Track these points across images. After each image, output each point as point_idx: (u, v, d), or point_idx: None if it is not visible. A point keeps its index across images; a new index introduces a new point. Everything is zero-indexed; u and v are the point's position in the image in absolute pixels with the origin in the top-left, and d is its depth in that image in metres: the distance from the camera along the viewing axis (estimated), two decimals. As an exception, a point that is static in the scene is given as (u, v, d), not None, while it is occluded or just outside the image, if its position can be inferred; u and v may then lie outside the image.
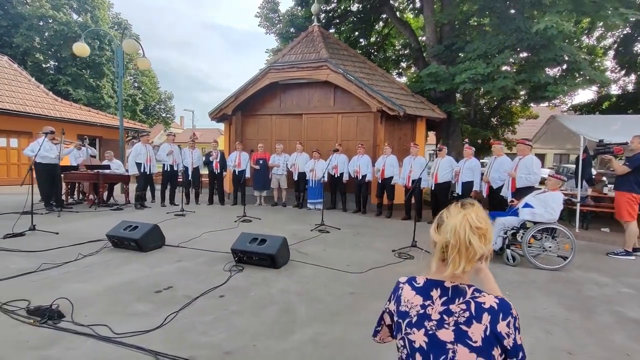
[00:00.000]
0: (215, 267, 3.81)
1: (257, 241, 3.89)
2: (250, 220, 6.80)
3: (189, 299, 2.88)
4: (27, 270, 3.46)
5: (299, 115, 9.86)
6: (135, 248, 4.27)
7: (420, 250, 4.74)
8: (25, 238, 4.81)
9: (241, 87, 9.81)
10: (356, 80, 8.64)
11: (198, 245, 4.74)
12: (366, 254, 4.63)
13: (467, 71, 8.14)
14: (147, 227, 4.35)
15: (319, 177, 8.56)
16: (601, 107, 12.67)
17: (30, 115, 12.00)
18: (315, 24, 10.46)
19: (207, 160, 8.90)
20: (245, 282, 3.35)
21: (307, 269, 3.83)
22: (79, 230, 5.46)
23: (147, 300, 2.84)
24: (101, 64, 20.77)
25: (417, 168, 7.51)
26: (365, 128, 9.25)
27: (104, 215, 6.94)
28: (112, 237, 4.37)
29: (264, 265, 3.80)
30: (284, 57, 9.58)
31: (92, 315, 2.54)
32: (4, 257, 3.89)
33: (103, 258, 3.97)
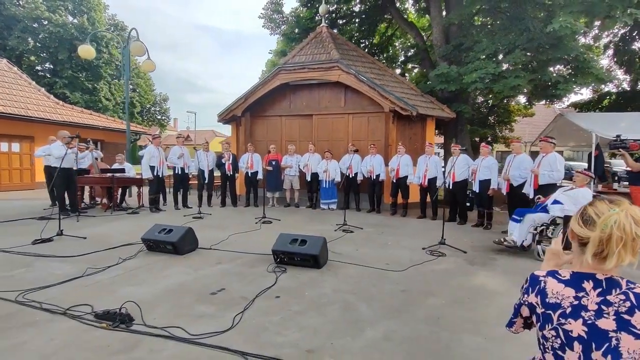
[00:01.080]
0: (257, 268, 3.82)
1: (297, 242, 3.92)
2: (271, 221, 6.81)
3: (247, 301, 2.90)
4: (73, 275, 3.43)
5: (309, 116, 9.89)
6: (172, 251, 4.26)
7: (450, 248, 4.83)
8: (54, 243, 4.76)
9: (251, 89, 9.81)
10: (368, 80, 8.71)
11: (230, 247, 4.74)
12: (398, 252, 4.69)
13: (477, 71, 8.27)
14: (183, 230, 4.34)
15: (332, 177, 8.63)
16: (601, 105, 12.97)
17: (32, 119, 11.82)
18: (323, 25, 10.50)
19: (219, 162, 8.88)
20: (294, 283, 3.38)
21: (349, 268, 3.87)
22: (104, 234, 5.42)
23: (207, 302, 2.86)
24: (98, 67, 20.54)
25: (433, 167, 7.63)
26: (377, 128, 9.33)
27: (121, 219, 6.89)
28: (147, 241, 4.35)
29: (306, 266, 3.83)
30: (294, 58, 9.61)
31: (159, 317, 2.54)
32: (44, 262, 3.85)
33: (143, 261, 3.96)
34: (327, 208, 8.79)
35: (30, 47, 19.32)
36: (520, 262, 4.29)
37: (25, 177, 12.32)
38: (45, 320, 2.47)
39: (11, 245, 4.51)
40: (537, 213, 4.46)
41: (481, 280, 3.61)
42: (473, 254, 4.63)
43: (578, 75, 7.55)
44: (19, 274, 3.47)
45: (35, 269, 3.62)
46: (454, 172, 7.14)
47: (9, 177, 11.89)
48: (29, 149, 12.36)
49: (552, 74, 7.62)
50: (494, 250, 4.84)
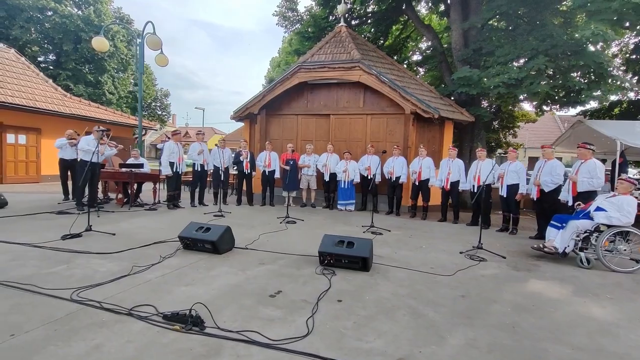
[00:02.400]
0: (304, 270, 3.73)
1: (344, 244, 3.83)
2: (295, 221, 6.71)
3: (309, 304, 2.81)
4: (118, 272, 3.31)
5: (327, 115, 9.81)
6: (211, 250, 4.14)
7: (487, 252, 4.77)
8: (84, 239, 4.61)
9: (269, 86, 9.71)
10: (390, 82, 8.65)
11: (264, 247, 4.64)
12: (436, 255, 4.63)
13: (499, 75, 8.25)
14: (221, 229, 4.23)
15: (351, 178, 8.55)
16: (611, 113, 13.05)
17: (40, 110, 11.57)
18: (342, 24, 10.42)
19: (237, 160, 8.75)
20: (348, 286, 3.29)
21: (396, 272, 3.79)
22: (130, 230, 5.28)
23: (271, 305, 2.75)
24: (103, 60, 20.21)
25: (456, 170, 7.59)
26: (395, 129, 9.27)
27: (142, 215, 6.74)
28: (184, 239, 4.23)
29: (354, 269, 3.75)
30: (313, 57, 9.51)
31: (229, 320, 2.44)
32: (84, 259, 3.71)
33: (185, 260, 3.84)
34: (344, 209, 8.71)
35: (34, 37, 18.95)
36: (565, 269, 4.24)
37: (31, 170, 12.05)
38: (113, 321, 2.35)
39: (40, 241, 4.36)
40: (580, 220, 4.43)
41: (535, 287, 3.55)
42: (513, 260, 4.58)
43: (600, 82, 7.56)
44: (61, 270, 3.33)
45: (77, 265, 3.49)
46: (479, 177, 7.12)
47: (15, 169, 11.61)
48: (35, 141, 12.10)
49: (575, 80, 7.62)
50: (533, 256, 4.79)
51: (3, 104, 10.57)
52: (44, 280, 3.02)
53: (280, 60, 25.97)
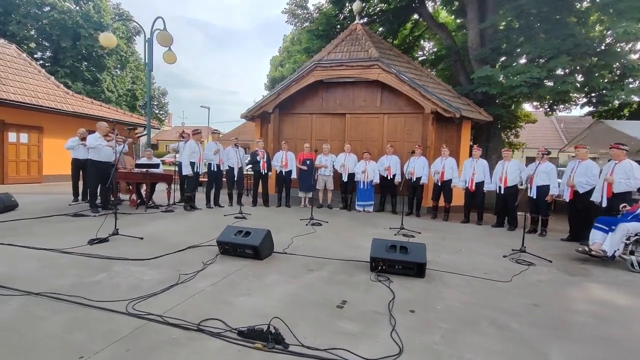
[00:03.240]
0: (356, 276, 3.54)
1: (396, 249, 3.65)
2: (320, 223, 6.51)
3: (382, 315, 2.62)
4: (163, 280, 3.09)
5: (342, 114, 9.63)
6: (252, 256, 3.93)
7: (530, 256, 4.63)
8: (112, 244, 4.36)
9: (284, 85, 9.48)
10: (410, 80, 8.50)
11: (302, 251, 4.44)
12: (481, 260, 4.47)
13: (521, 74, 8.16)
14: (262, 233, 4.02)
15: (370, 178, 8.38)
16: (620, 113, 13.08)
17: (42, 108, 11.18)
18: (357, 22, 10.24)
19: (253, 160, 8.51)
20: (411, 294, 3.11)
21: (453, 278, 3.62)
22: (155, 234, 5.03)
23: (343, 317, 2.56)
24: (102, 57, 19.76)
25: (480, 171, 7.46)
26: (413, 129, 9.13)
27: (160, 218, 6.48)
28: (223, 244, 4.00)
29: (408, 275, 3.57)
30: (329, 55, 9.31)
31: (308, 336, 2.24)
32: (122, 266, 3.47)
33: (229, 267, 3.62)
34: (362, 210, 8.53)
35: (32, 34, 18.44)
36: (616, 273, 4.12)
37: (33, 170, 11.66)
38: (185, 338, 2.14)
39: (66, 246, 4.11)
40: (631, 223, 4.31)
41: (599, 293, 3.42)
42: (560, 264, 4.44)
43: (626, 82, 7.50)
44: (104, 279, 3.10)
45: (117, 274, 3.25)
46: (505, 177, 7.00)
47: (16, 169, 11.22)
48: (37, 140, 11.71)
49: (598, 80, 7.55)
50: (577, 259, 4.67)
51: (5, 101, 10.18)
52: (91, 291, 2.79)
53: (281, 59, 25.78)
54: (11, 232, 4.74)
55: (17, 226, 5.14)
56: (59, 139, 12.19)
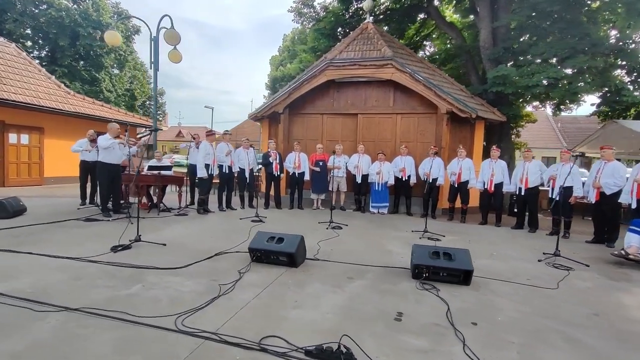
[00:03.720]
0: (400, 284, 3.39)
1: (440, 255, 3.51)
2: (341, 227, 6.36)
3: (444, 328, 2.48)
4: (205, 293, 2.91)
5: (354, 115, 9.48)
6: (286, 263, 3.76)
7: (566, 260, 4.52)
8: (135, 251, 4.17)
9: (295, 84, 9.30)
10: (425, 80, 8.38)
11: (333, 257, 4.28)
12: (517, 264, 4.35)
13: (537, 74, 8.08)
14: (297, 239, 3.85)
15: (385, 179, 8.25)
16: (626, 113, 13.09)
17: (43, 109, 10.88)
18: (368, 21, 10.10)
19: (266, 162, 8.33)
20: (464, 304, 2.96)
21: (499, 285, 3.49)
22: (176, 239, 4.83)
23: (406, 331, 2.41)
24: (101, 56, 19.40)
25: (499, 172, 7.36)
26: (427, 129, 9.01)
27: (176, 222, 6.28)
28: (255, 251, 3.83)
29: (453, 282, 3.43)
30: (341, 54, 9.15)
31: (380, 354, 2.09)
32: (156, 276, 3.28)
33: (266, 276, 3.45)
34: (376, 212, 8.39)
35: (27, 32, 18.03)
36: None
37: (34, 172, 11.35)
38: (250, 359, 1.97)
39: (89, 254, 3.90)
40: (671, 225, 4.22)
41: (652, 300, 3.31)
42: (599, 268, 4.34)
43: None
44: (140, 291, 2.91)
45: (153, 285, 3.07)
46: (526, 178, 6.90)
47: (17, 171, 10.90)
48: (38, 141, 11.40)
49: (616, 80, 7.50)
50: (614, 263, 4.57)
51: (5, 101, 9.88)
52: (131, 305, 2.60)
53: (281, 58, 25.57)
54: (27, 238, 4.52)
55: (30, 232, 4.91)
56: (60, 140, 11.91)
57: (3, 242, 4.28)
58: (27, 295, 2.71)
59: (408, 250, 4.92)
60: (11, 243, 4.24)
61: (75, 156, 7.96)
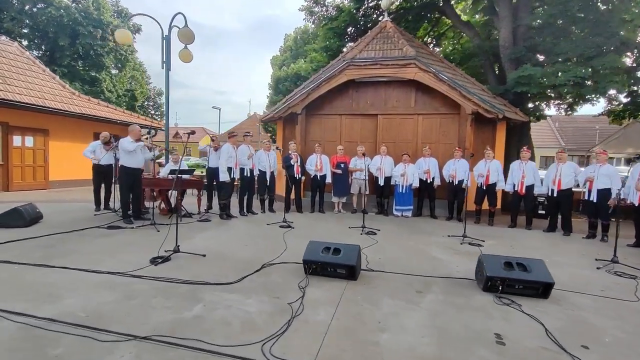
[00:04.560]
0: (473, 298, 3.16)
1: (514, 266, 3.29)
2: (375, 232, 6.11)
3: (558, 353, 2.25)
4: (273, 313, 2.65)
5: (374, 115, 9.25)
6: (345, 276, 3.51)
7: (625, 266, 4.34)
8: (176, 262, 3.88)
9: (314, 84, 9.04)
10: (449, 80, 8.17)
11: (386, 267, 4.03)
12: (577, 272, 4.15)
13: (564, 73, 7.92)
14: (355, 250, 3.60)
15: (409, 182, 8.03)
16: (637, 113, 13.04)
17: (49, 110, 10.47)
18: (387, 19, 9.87)
19: (287, 164, 8.06)
20: (556, 322, 2.73)
21: (575, 297, 3.28)
22: (211, 248, 4.54)
23: (519, 358, 2.17)
24: (101, 55, 18.92)
25: (530, 173, 7.18)
26: (450, 130, 8.82)
27: (202, 229, 5.98)
28: (311, 263, 3.56)
29: (529, 295, 3.21)
30: (361, 54, 8.91)
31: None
32: (213, 293, 3.00)
33: (329, 292, 3.19)
34: (400, 215, 8.17)
35: (25, 31, 17.51)
36: None
37: (39, 175, 10.93)
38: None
39: (125, 267, 3.61)
40: None
41: None
42: (661, 275, 4.15)
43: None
44: (203, 312, 2.64)
45: (214, 304, 2.79)
46: (559, 180, 6.73)
47: (22, 175, 10.48)
48: (43, 144, 10.98)
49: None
50: (673, 269, 4.39)
51: (10, 102, 9.47)
52: (202, 331, 2.33)
53: (283, 58, 25.23)
54: (53, 251, 4.20)
55: (54, 243, 4.59)
56: (65, 142, 11.52)
57: (32, 254, 3.97)
58: (82, 320, 2.42)
59: (455, 257, 4.72)
60: (41, 256, 3.93)
61: (82, 159, 7.63)
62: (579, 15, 8.54)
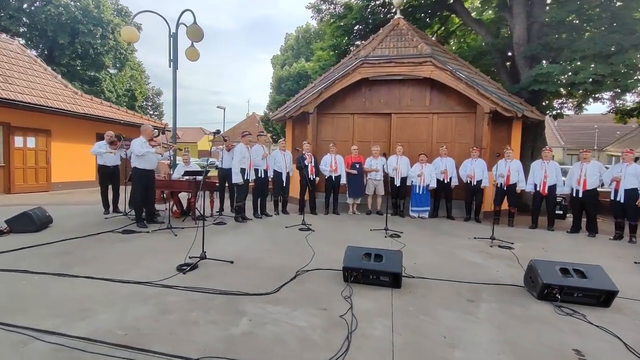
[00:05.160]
0: (530, 307, 2.97)
1: (571, 272, 3.10)
2: (399, 234, 5.92)
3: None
4: (327, 328, 2.44)
5: (387, 114, 9.06)
6: (389, 284, 3.30)
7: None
8: (202, 271, 3.65)
9: (327, 83, 8.82)
10: (467, 78, 8.00)
11: (424, 273, 3.83)
12: (622, 278, 3.96)
13: (585, 71, 7.78)
14: (397, 256, 3.40)
15: (427, 182, 7.85)
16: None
17: (51, 110, 10.17)
18: (399, 17, 9.67)
19: (302, 164, 7.83)
20: (635, 334, 2.55)
21: (638, 305, 3.10)
22: (235, 254, 4.30)
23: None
24: (101, 54, 18.58)
25: (552, 173, 7.02)
26: (465, 129, 8.65)
27: (220, 232, 5.75)
28: (352, 270, 3.36)
29: (589, 304, 3.02)
30: (375, 51, 8.71)
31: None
32: (257, 306, 2.78)
33: (378, 301, 2.98)
34: (416, 216, 7.98)
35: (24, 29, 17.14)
36: None
37: (41, 177, 10.62)
38: None
39: (150, 275, 3.39)
40: None
41: None
42: None
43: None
44: (251, 328, 2.42)
45: (260, 318, 2.57)
46: (585, 180, 6.57)
47: (23, 177, 10.17)
48: (45, 145, 10.68)
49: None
50: None
51: (12, 102, 9.17)
52: (258, 350, 2.12)
53: (284, 58, 24.94)
54: (72, 258, 3.95)
55: (71, 249, 4.34)
56: (68, 143, 11.23)
57: (50, 263, 3.72)
58: (122, 339, 2.20)
59: (491, 261, 4.52)
60: (60, 264, 3.69)
61: (85, 160, 7.35)
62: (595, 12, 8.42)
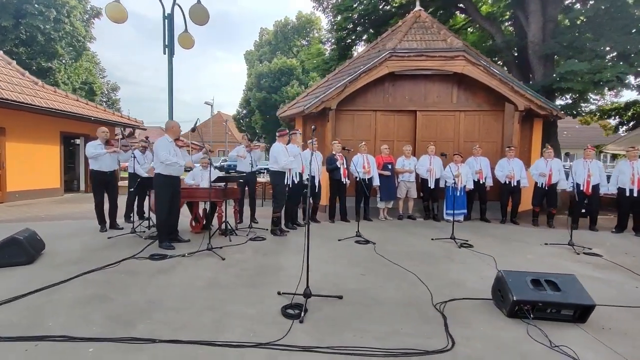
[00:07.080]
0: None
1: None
2: (470, 244, 5.29)
3: None
4: None
5: (412, 112, 8.49)
6: (571, 319, 2.62)
7: None
8: (319, 314, 2.72)
9: (353, 76, 8.01)
10: (501, 74, 7.65)
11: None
12: None
13: (610, 69, 7.79)
14: (573, 282, 2.71)
15: (464, 183, 7.39)
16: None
17: (6, 102, 8.26)
18: (418, 9, 9.13)
19: (332, 166, 6.98)
20: None
21: None
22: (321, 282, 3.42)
23: None
24: (53, 41, 16.06)
25: (596, 172, 6.86)
26: (493, 128, 8.34)
27: (265, 252, 4.74)
28: (523, 304, 2.61)
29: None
30: (401, 44, 8.09)
31: None
32: None
33: (600, 351, 2.29)
34: (451, 220, 7.47)
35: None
36: None
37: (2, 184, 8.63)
38: None
39: (256, 331, 2.42)
40: None
41: None
42: None
43: None
44: None
45: None
46: (639, 178, 6.45)
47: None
48: (0, 145, 8.70)
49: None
50: None
51: (-44, 92, 7.26)
52: None
53: (260, 53, 23.58)
54: (116, 307, 2.79)
55: (103, 292, 3.13)
56: (26, 144, 9.31)
57: (90, 316, 2.55)
58: None
59: (604, 272, 4.03)
60: (106, 317, 2.54)
61: (47, 164, 5.88)
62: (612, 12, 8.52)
